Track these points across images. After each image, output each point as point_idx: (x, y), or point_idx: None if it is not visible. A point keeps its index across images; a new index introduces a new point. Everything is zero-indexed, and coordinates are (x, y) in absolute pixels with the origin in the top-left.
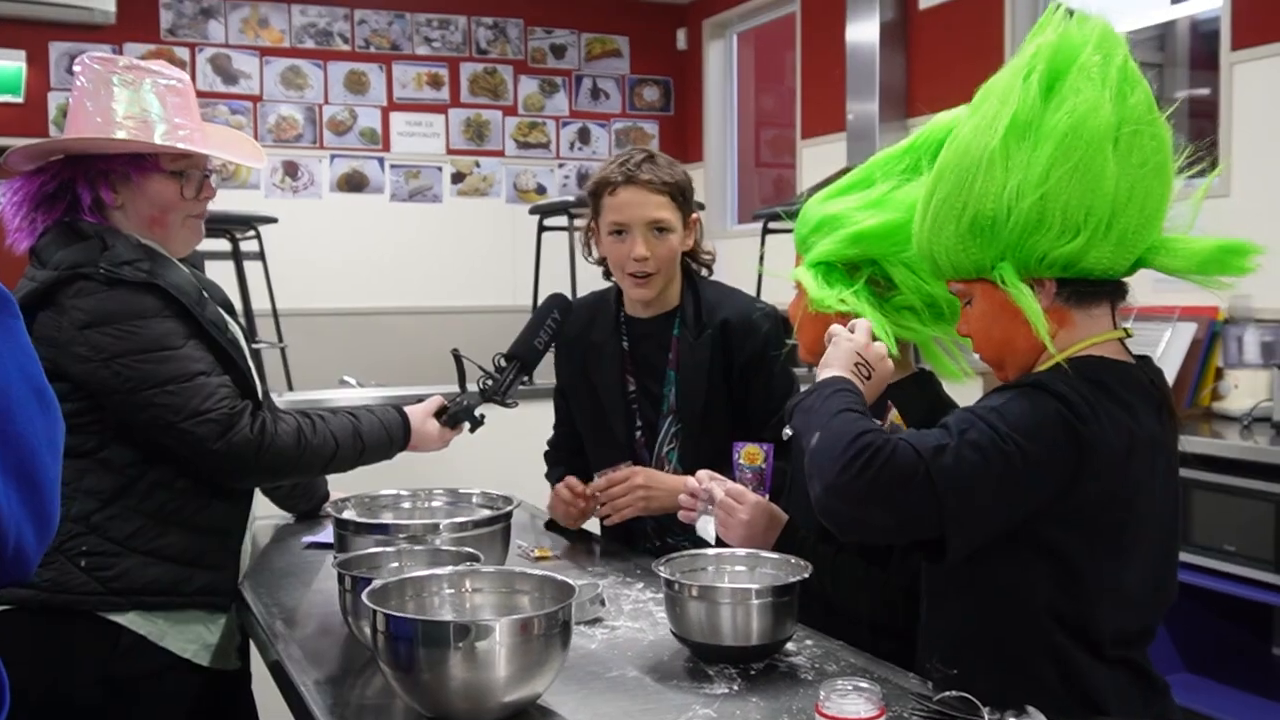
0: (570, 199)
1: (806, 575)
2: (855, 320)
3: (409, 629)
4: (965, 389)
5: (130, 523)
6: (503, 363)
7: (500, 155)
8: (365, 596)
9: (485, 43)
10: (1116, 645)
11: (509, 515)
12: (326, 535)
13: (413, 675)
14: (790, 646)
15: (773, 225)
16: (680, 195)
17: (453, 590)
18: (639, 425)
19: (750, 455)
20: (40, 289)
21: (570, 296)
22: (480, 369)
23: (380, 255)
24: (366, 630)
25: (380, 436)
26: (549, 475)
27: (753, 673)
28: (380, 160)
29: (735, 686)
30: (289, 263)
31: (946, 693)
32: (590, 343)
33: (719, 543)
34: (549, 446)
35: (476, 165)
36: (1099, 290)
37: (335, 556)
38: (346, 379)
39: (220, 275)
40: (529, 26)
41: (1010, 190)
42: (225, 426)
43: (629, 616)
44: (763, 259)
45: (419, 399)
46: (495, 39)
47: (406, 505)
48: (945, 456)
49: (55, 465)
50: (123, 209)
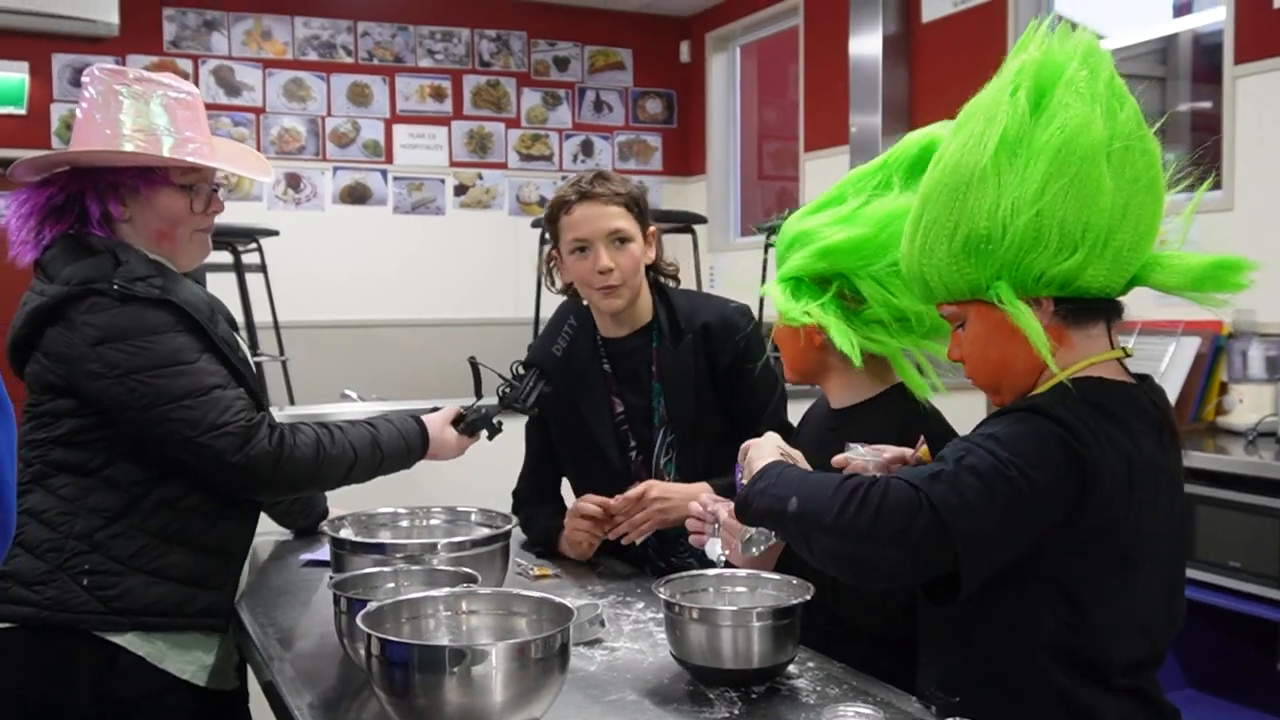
0: None
1: (809, 597)
2: (767, 433)
3: (404, 654)
4: (944, 404)
5: (134, 541)
6: (521, 370)
7: (503, 167)
8: (360, 620)
9: (488, 55)
10: (1126, 674)
11: (508, 534)
12: (324, 553)
13: (408, 700)
14: (792, 669)
15: (775, 238)
16: (635, 206)
17: (449, 612)
18: (632, 445)
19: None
20: (50, 304)
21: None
22: (500, 376)
23: (383, 267)
24: (362, 653)
25: (399, 446)
26: (534, 521)
27: (754, 696)
28: (383, 172)
29: (736, 710)
30: (291, 275)
31: (949, 719)
32: (571, 370)
33: (727, 564)
34: (516, 493)
35: (479, 177)
36: (1096, 309)
37: (331, 576)
38: (348, 392)
39: (222, 287)
40: (532, 39)
41: (1005, 207)
42: (243, 439)
43: (629, 638)
44: (766, 270)
45: (424, 412)
46: (498, 51)
47: (404, 524)
48: (941, 484)
49: (13, 471)
50: (130, 222)
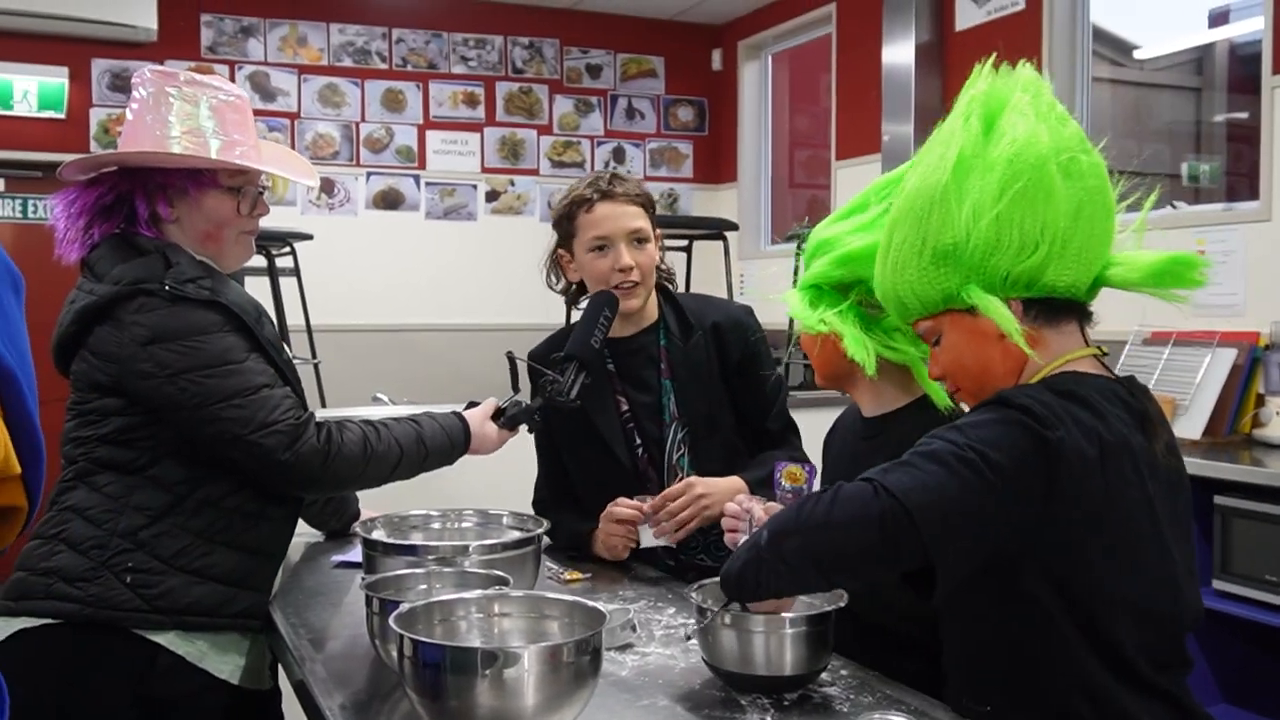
0: None
1: (842, 604)
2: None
3: (436, 655)
4: None
5: (177, 540)
6: (561, 363)
7: (535, 174)
8: (392, 621)
9: (521, 62)
10: (1150, 666)
11: (539, 538)
12: (356, 554)
13: (439, 703)
14: (824, 676)
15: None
16: (650, 206)
17: (481, 615)
18: (639, 443)
19: (791, 475)
20: (99, 303)
21: None
22: (543, 370)
23: (415, 272)
24: (393, 654)
25: (442, 442)
26: (561, 526)
27: (786, 703)
28: (416, 178)
29: (768, 717)
30: (324, 279)
31: None
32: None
33: None
34: (537, 502)
35: (511, 184)
36: (1065, 307)
37: (363, 578)
38: (379, 396)
39: (256, 290)
40: (565, 46)
41: (966, 215)
42: (293, 437)
43: (660, 643)
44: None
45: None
46: (531, 58)
47: (436, 526)
48: (895, 472)
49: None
50: (178, 223)
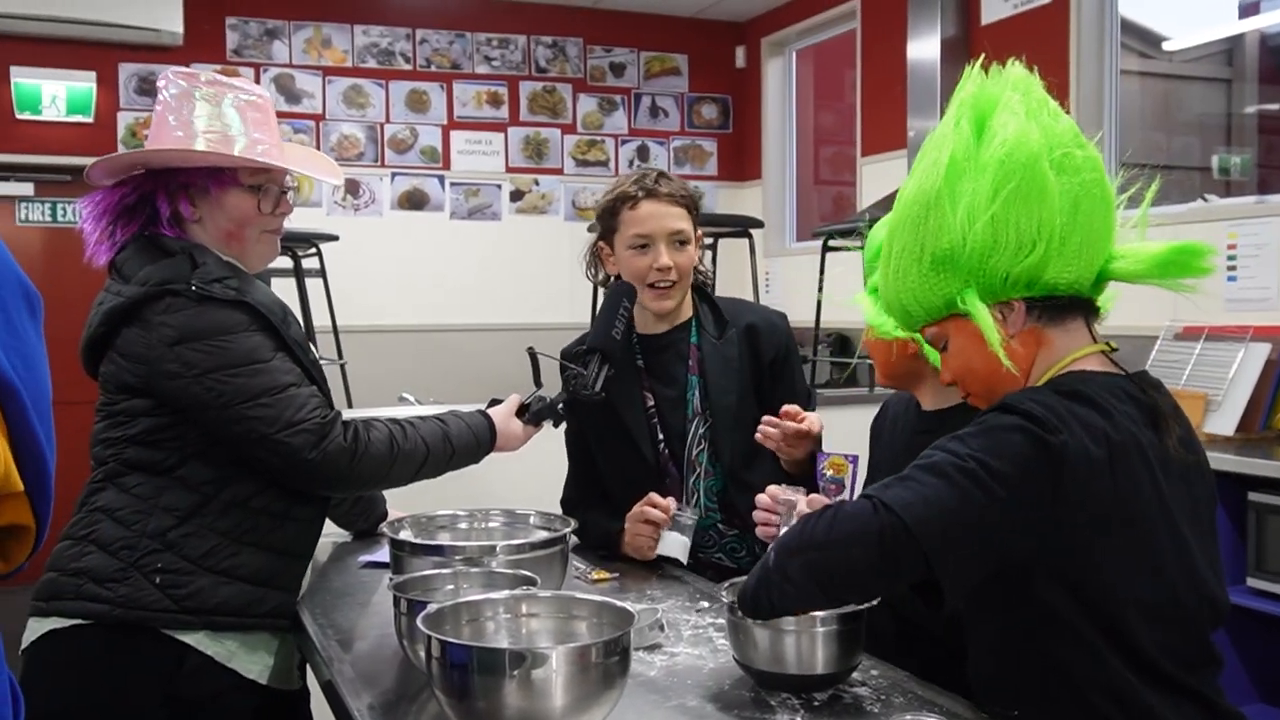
0: None
1: (875, 602)
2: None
3: (464, 656)
4: None
5: (205, 541)
6: (584, 357)
7: (559, 173)
8: (420, 622)
9: (544, 61)
10: (1175, 666)
11: (566, 537)
12: (383, 554)
13: (467, 703)
14: (855, 676)
15: (833, 243)
16: (694, 209)
17: (509, 615)
18: (661, 438)
19: (835, 465)
20: (126, 304)
21: None
22: (566, 365)
23: (440, 273)
24: (421, 654)
25: (468, 440)
26: (591, 526)
27: (816, 703)
28: (440, 178)
29: (798, 717)
30: (350, 280)
31: None
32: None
33: None
34: (565, 500)
35: (535, 183)
36: (1070, 305)
37: (390, 578)
38: (405, 396)
39: (282, 291)
40: (588, 45)
41: (961, 219)
42: (319, 436)
43: (689, 643)
44: (823, 276)
45: (486, 407)
46: (554, 58)
47: (463, 526)
48: (895, 488)
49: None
50: (200, 223)
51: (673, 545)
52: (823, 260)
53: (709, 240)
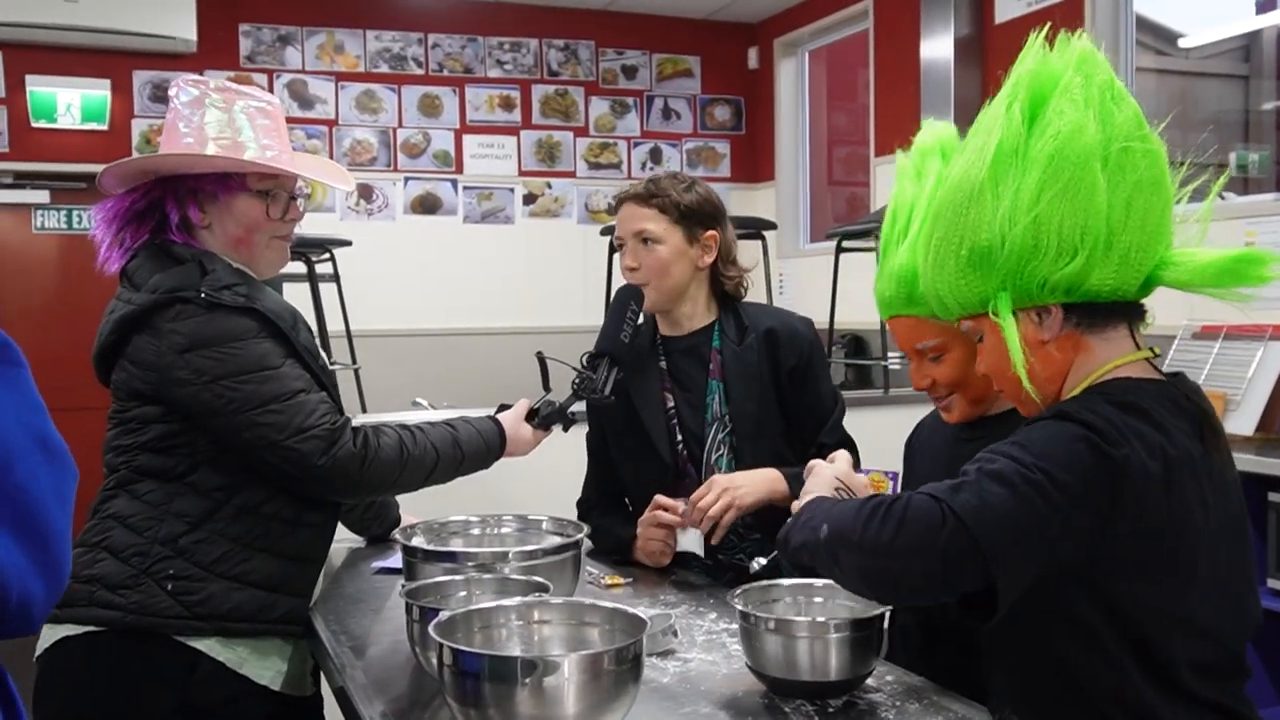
0: None
1: (889, 608)
2: (835, 452)
3: (475, 664)
4: None
5: (217, 547)
6: (592, 360)
7: (572, 176)
8: (432, 629)
9: (556, 64)
10: (1204, 682)
11: (579, 543)
12: (396, 560)
13: (480, 711)
14: (870, 682)
15: (847, 244)
16: (675, 209)
17: (521, 622)
18: (680, 440)
19: (876, 483)
20: (137, 312)
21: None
22: (573, 369)
23: (453, 277)
24: (434, 661)
25: (478, 445)
26: (605, 531)
27: (830, 710)
28: (453, 182)
29: None
30: (363, 284)
31: None
32: (629, 369)
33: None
34: (582, 502)
35: (548, 186)
36: (1111, 312)
37: (403, 584)
38: (419, 400)
39: (296, 297)
40: (600, 48)
41: (1002, 217)
42: (329, 442)
43: (702, 649)
44: (837, 278)
45: (496, 412)
46: (566, 60)
47: (475, 532)
48: (963, 493)
49: (64, 516)
50: (210, 229)
51: (690, 540)
52: (836, 261)
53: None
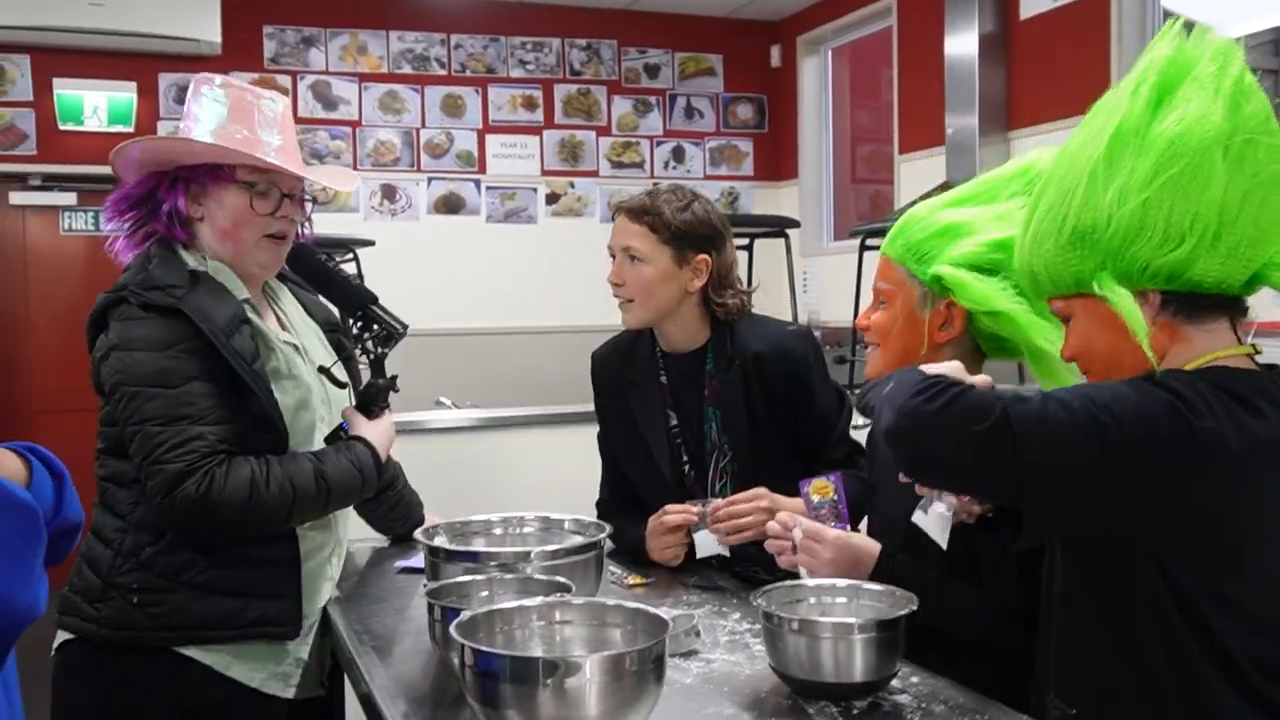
0: None
1: (914, 608)
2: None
3: (497, 664)
4: None
5: (178, 557)
6: (356, 327)
7: (594, 175)
8: (453, 629)
9: (579, 64)
10: (1263, 677)
11: (601, 543)
12: (419, 560)
13: (501, 712)
14: (895, 684)
15: (871, 241)
16: (666, 229)
17: (543, 622)
18: (685, 460)
19: (820, 489)
20: (95, 310)
21: None
22: (346, 345)
23: (476, 276)
24: (456, 662)
25: (347, 473)
26: (622, 533)
27: (855, 711)
28: (476, 182)
29: None
30: (386, 284)
31: None
32: (629, 382)
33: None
34: (600, 502)
35: (571, 186)
36: (1213, 304)
37: (425, 584)
38: (442, 400)
39: None
40: (622, 47)
41: (1112, 197)
42: (172, 484)
43: (725, 649)
44: (861, 276)
45: (517, 420)
46: (589, 60)
47: (498, 532)
48: (1026, 404)
49: (21, 559)
50: (203, 221)
51: (711, 544)
52: (860, 260)
53: (742, 241)
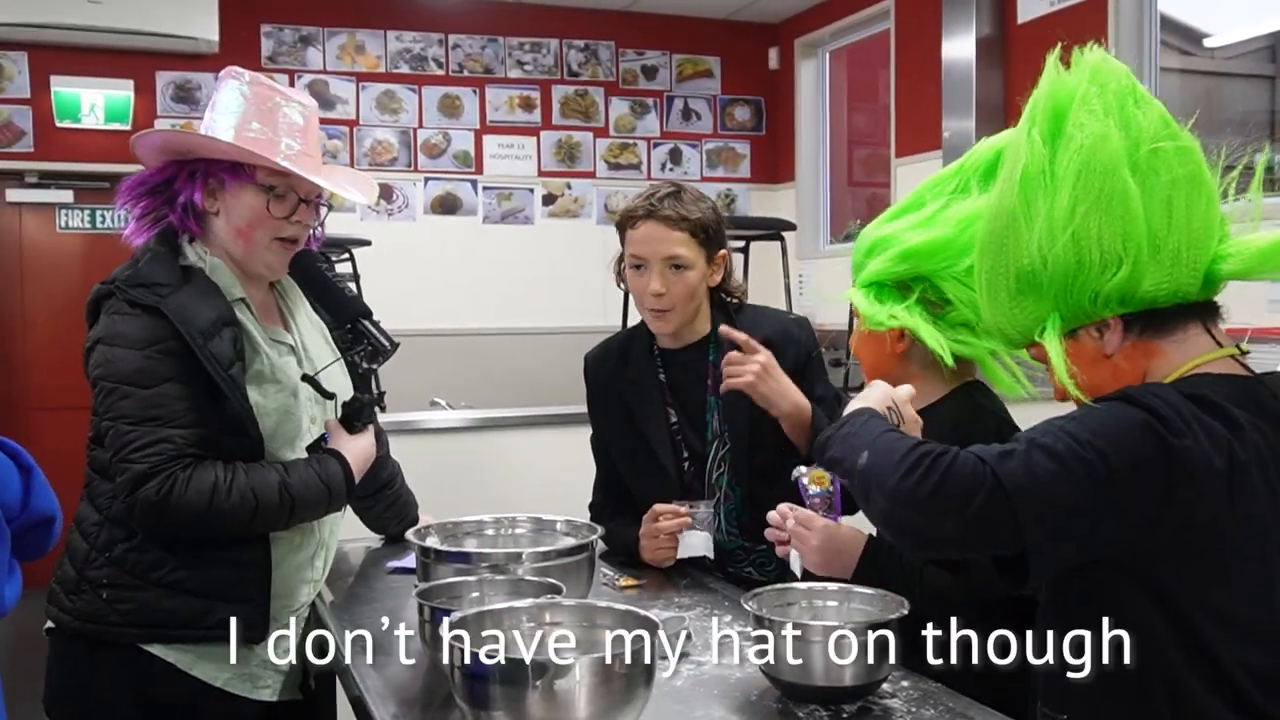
0: None
1: (904, 612)
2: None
3: (486, 666)
4: (1025, 408)
5: (148, 555)
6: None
7: (591, 177)
8: (443, 630)
9: (577, 65)
10: (1261, 692)
11: (593, 545)
12: (411, 560)
13: (490, 713)
14: (885, 687)
15: None
16: (703, 232)
17: (533, 624)
18: (685, 456)
19: (817, 479)
20: (90, 299)
21: None
22: (342, 353)
23: (473, 277)
24: (446, 662)
25: (313, 492)
26: (615, 535)
27: (845, 715)
28: (473, 183)
29: None
30: (383, 284)
31: None
32: (627, 381)
33: (805, 575)
34: (593, 505)
35: (568, 187)
36: (1178, 315)
37: (416, 585)
38: (437, 400)
39: None
40: (620, 48)
41: (1039, 238)
42: (133, 485)
43: (715, 651)
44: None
45: (512, 420)
46: (586, 61)
47: (490, 532)
48: (1012, 461)
49: None
50: (219, 216)
51: (695, 545)
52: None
53: (739, 244)
